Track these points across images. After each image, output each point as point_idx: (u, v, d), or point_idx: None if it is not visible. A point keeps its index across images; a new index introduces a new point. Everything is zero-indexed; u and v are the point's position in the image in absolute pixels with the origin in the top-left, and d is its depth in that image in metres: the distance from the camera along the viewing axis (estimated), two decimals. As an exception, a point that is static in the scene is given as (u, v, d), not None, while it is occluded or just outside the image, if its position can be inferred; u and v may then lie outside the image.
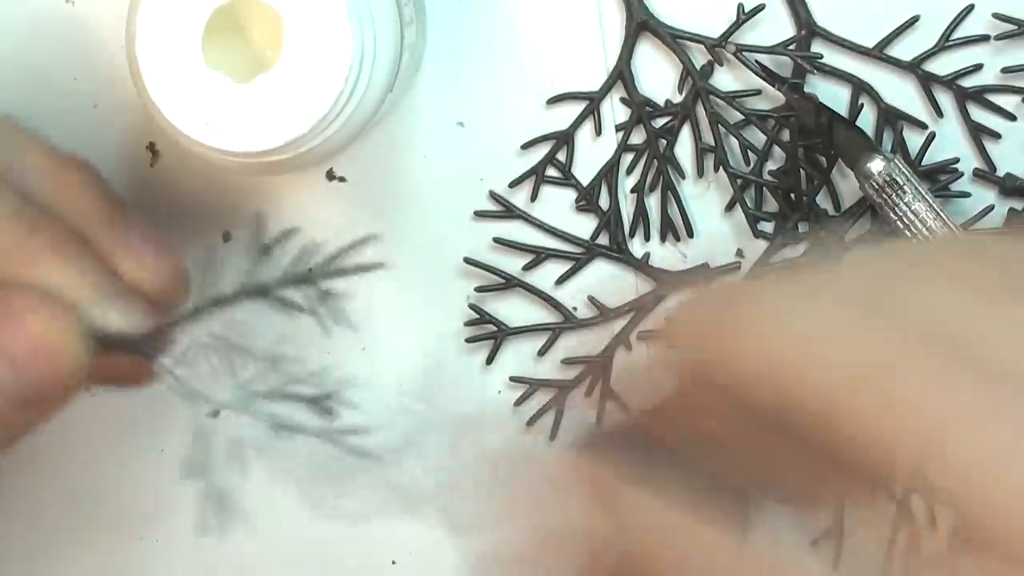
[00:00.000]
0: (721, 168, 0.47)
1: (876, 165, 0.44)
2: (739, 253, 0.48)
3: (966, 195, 0.47)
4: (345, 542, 0.49)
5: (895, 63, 0.47)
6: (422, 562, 0.49)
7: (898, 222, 0.44)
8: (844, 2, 0.46)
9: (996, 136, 0.47)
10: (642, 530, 0.26)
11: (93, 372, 0.35)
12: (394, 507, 0.42)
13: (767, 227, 0.48)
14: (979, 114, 0.47)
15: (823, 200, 0.47)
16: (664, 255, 0.48)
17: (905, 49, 0.47)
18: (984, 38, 0.46)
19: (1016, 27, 0.46)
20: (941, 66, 0.46)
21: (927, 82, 0.46)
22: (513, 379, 0.49)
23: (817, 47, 0.47)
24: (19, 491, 0.51)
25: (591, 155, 0.48)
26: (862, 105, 0.47)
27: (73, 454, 0.51)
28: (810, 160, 0.47)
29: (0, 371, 0.34)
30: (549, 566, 0.29)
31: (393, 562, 0.49)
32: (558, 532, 0.29)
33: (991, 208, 0.47)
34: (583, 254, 0.48)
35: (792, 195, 0.47)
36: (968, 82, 0.46)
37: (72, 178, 0.39)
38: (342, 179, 0.49)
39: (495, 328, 0.49)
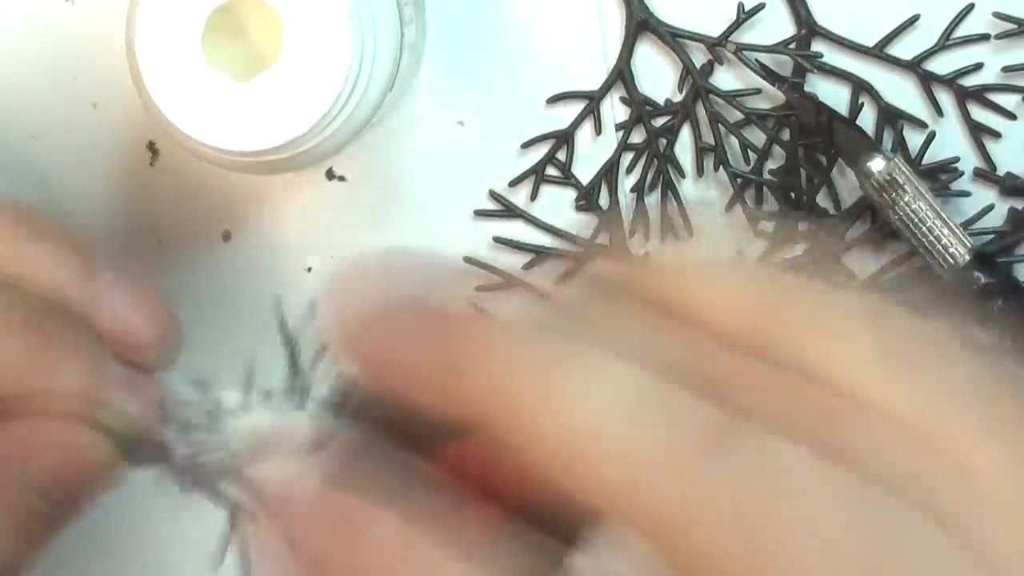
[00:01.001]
0: (721, 167, 0.47)
1: (876, 164, 0.44)
2: (739, 253, 0.48)
3: (966, 194, 0.47)
4: None
5: (895, 62, 0.47)
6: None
7: (898, 222, 0.44)
8: (844, 1, 0.46)
9: (996, 135, 0.47)
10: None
11: None
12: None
13: (767, 227, 0.48)
14: (979, 113, 0.47)
15: (823, 200, 0.47)
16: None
17: (905, 48, 0.47)
18: (984, 37, 0.46)
19: (1016, 26, 0.46)
20: (941, 65, 0.46)
21: (927, 81, 0.46)
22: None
23: (817, 46, 0.47)
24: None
25: (591, 155, 0.48)
26: (862, 104, 0.47)
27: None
28: (810, 160, 0.47)
29: (38, 502, 0.34)
30: None
31: None
32: None
33: (991, 207, 0.47)
34: (583, 254, 0.48)
35: (792, 195, 0.47)
36: (968, 81, 0.46)
37: (38, 246, 0.36)
38: (342, 179, 0.49)
39: (495, 328, 0.49)
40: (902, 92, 0.47)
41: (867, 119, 0.47)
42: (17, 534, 0.34)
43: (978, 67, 0.46)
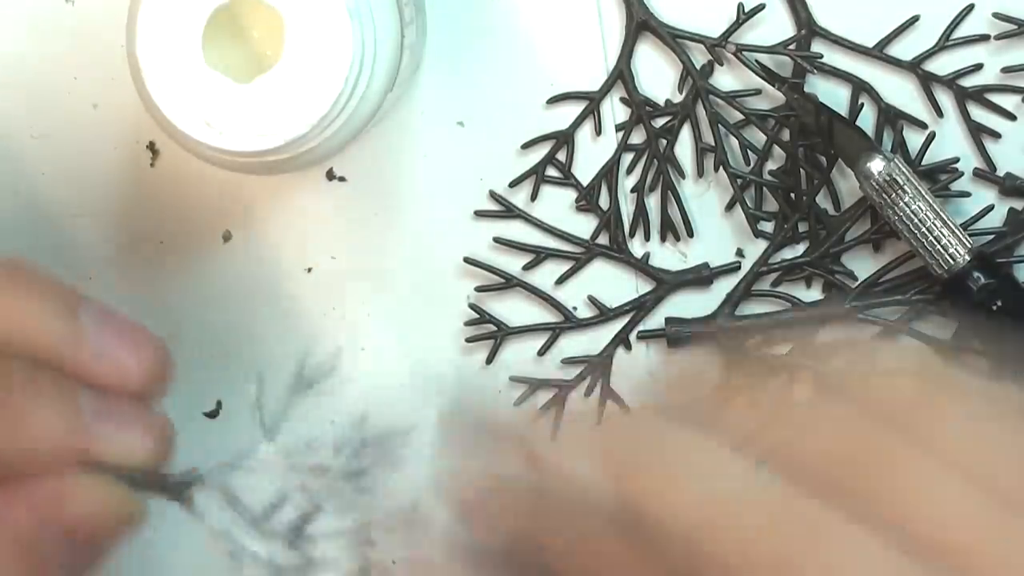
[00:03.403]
0: (721, 168, 0.47)
1: (876, 165, 0.44)
2: (739, 253, 0.48)
3: (966, 195, 0.47)
4: None
5: (895, 63, 0.47)
6: None
7: (898, 222, 0.44)
8: (844, 2, 0.46)
9: (996, 136, 0.47)
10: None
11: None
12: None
13: (767, 227, 0.48)
14: (979, 114, 0.47)
15: (823, 200, 0.47)
16: (664, 255, 0.48)
17: (905, 49, 0.47)
18: (984, 38, 0.46)
19: (1016, 27, 0.46)
20: (941, 66, 0.46)
21: (927, 82, 0.46)
22: (513, 379, 0.49)
23: (817, 47, 0.47)
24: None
25: (591, 155, 0.48)
26: (862, 105, 0.47)
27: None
28: (810, 160, 0.47)
29: (66, 549, 0.34)
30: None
31: None
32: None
33: (991, 208, 0.47)
34: (583, 254, 0.48)
35: (792, 195, 0.47)
36: (968, 82, 0.46)
37: (7, 296, 0.35)
38: (342, 179, 0.49)
39: (495, 328, 0.49)
40: (902, 92, 0.47)
41: (867, 119, 0.47)
42: None
43: (978, 67, 0.46)
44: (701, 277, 0.48)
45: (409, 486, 0.33)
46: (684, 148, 0.48)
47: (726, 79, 0.47)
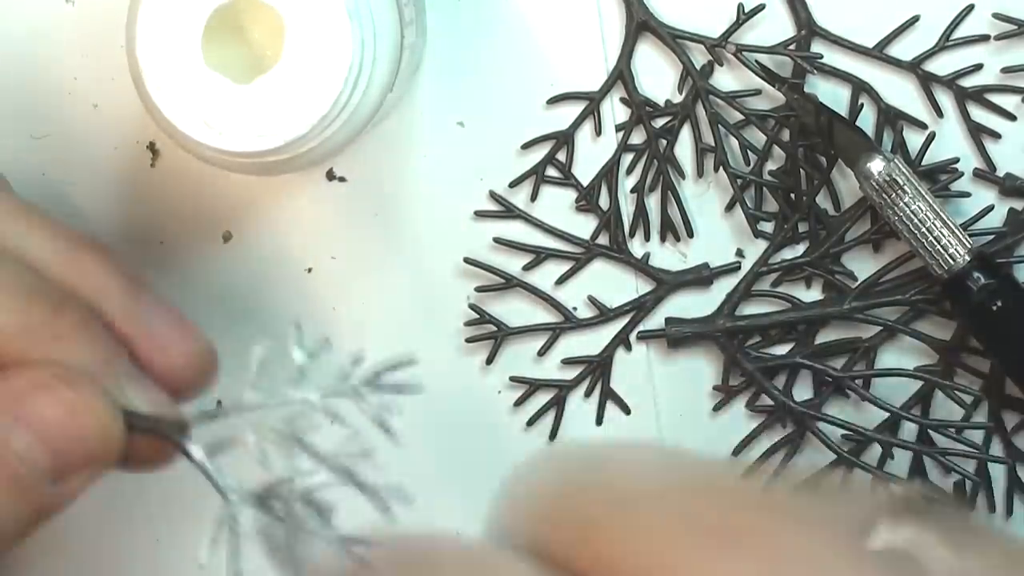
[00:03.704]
0: (721, 168, 0.47)
1: (876, 165, 0.44)
2: (739, 253, 0.48)
3: (966, 195, 0.47)
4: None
5: (895, 63, 0.47)
6: None
7: (898, 222, 0.44)
8: (844, 2, 0.46)
9: (996, 136, 0.47)
10: None
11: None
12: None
13: (767, 227, 0.48)
14: (979, 114, 0.47)
15: (823, 200, 0.47)
16: (664, 255, 0.48)
17: (905, 49, 0.47)
18: (984, 38, 0.46)
19: (1016, 27, 0.46)
20: (941, 66, 0.46)
21: (927, 82, 0.46)
22: (513, 379, 0.49)
23: (817, 47, 0.47)
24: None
25: (591, 155, 0.48)
26: (862, 105, 0.47)
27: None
28: (810, 160, 0.47)
29: (30, 443, 0.33)
30: None
31: None
32: None
33: (991, 208, 0.47)
34: (583, 254, 0.48)
35: (792, 195, 0.47)
36: (968, 82, 0.46)
37: (85, 257, 0.37)
38: (342, 179, 0.49)
39: (495, 328, 0.49)
40: (902, 93, 0.47)
41: (867, 120, 0.47)
42: (18, 495, 0.33)
43: (978, 68, 0.46)
44: (701, 277, 0.48)
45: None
46: (684, 148, 0.48)
47: (726, 79, 0.47)
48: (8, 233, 0.36)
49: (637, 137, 0.48)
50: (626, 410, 0.49)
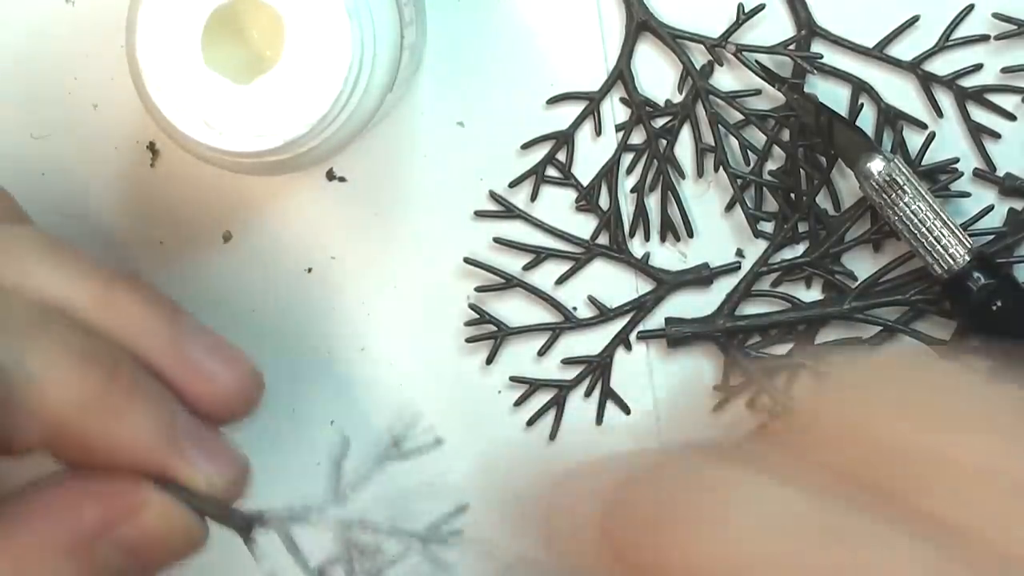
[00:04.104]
0: (721, 168, 0.47)
1: (876, 165, 0.44)
2: (739, 253, 0.48)
3: (966, 195, 0.47)
4: None
5: (895, 63, 0.47)
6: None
7: (898, 222, 0.44)
8: (844, 2, 0.46)
9: (996, 136, 0.47)
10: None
11: None
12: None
13: (767, 227, 0.48)
14: (979, 114, 0.47)
15: (823, 200, 0.47)
16: (664, 255, 0.48)
17: (905, 49, 0.47)
18: (984, 38, 0.46)
19: (1016, 27, 0.46)
20: (941, 66, 0.46)
21: (927, 82, 0.46)
22: (513, 379, 0.49)
23: (817, 47, 0.47)
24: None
25: (591, 155, 0.48)
26: (862, 105, 0.47)
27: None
28: (810, 160, 0.47)
29: (122, 561, 0.33)
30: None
31: None
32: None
33: (991, 208, 0.47)
34: (583, 254, 0.48)
35: (792, 195, 0.47)
36: (968, 82, 0.46)
37: (121, 297, 0.34)
38: (342, 179, 0.49)
39: (495, 328, 0.49)
40: (902, 93, 0.47)
41: (867, 120, 0.47)
42: None
43: (978, 68, 0.46)
44: (701, 277, 0.48)
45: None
46: (684, 148, 0.48)
47: (726, 79, 0.47)
48: (46, 281, 0.34)
49: (637, 137, 0.48)
50: (626, 410, 0.49)
